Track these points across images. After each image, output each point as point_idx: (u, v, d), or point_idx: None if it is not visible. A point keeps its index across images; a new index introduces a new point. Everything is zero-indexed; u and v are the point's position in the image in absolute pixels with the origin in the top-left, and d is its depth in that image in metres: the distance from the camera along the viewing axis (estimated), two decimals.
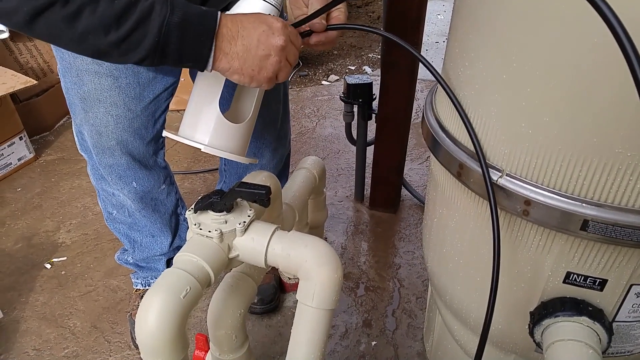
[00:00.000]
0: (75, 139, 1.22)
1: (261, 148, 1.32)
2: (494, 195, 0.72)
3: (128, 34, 0.66)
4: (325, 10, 0.87)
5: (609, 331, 0.76)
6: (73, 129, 1.21)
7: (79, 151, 1.24)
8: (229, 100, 0.98)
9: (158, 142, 1.22)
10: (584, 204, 0.68)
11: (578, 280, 0.77)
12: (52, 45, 1.07)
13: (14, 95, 2.17)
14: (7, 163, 2.14)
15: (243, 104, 0.97)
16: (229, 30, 0.74)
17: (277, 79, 0.81)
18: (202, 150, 0.87)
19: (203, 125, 0.88)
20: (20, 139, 2.17)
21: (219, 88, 0.87)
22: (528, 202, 0.72)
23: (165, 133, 0.91)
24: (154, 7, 0.67)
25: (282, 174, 1.47)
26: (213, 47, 0.73)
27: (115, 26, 0.65)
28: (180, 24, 0.69)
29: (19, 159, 2.19)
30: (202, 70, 0.76)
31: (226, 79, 0.82)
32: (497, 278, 0.72)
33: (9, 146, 2.12)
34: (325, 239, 1.72)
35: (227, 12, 0.79)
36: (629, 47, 0.46)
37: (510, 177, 0.74)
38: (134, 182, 1.21)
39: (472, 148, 0.80)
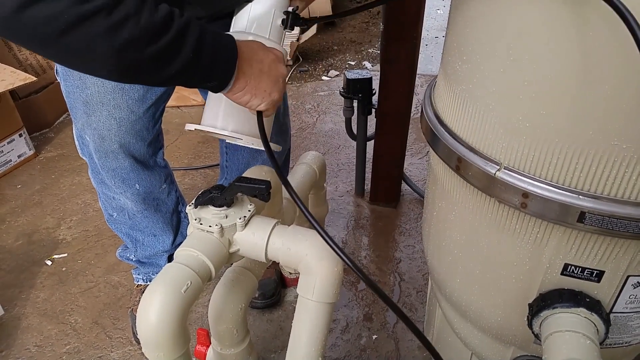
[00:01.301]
0: (76, 143, 1.22)
1: None
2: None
3: (167, 46, 0.64)
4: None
5: (607, 322, 0.77)
6: (74, 133, 1.20)
7: (80, 155, 1.24)
8: None
9: (157, 143, 1.23)
10: (581, 196, 0.69)
11: (576, 272, 0.77)
12: None
13: (13, 92, 2.17)
14: (7, 160, 2.14)
15: None
16: (244, 53, 0.77)
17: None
18: (226, 136, 0.88)
19: (224, 112, 0.89)
20: (20, 135, 2.17)
21: None
22: (526, 194, 0.72)
23: (188, 126, 0.90)
24: (190, 23, 0.67)
25: (283, 169, 1.47)
26: (236, 66, 0.76)
27: (156, 37, 0.63)
28: (212, 42, 0.71)
29: (19, 156, 2.19)
30: (220, 90, 0.78)
31: None
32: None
33: (8, 143, 2.13)
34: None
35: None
36: None
37: (508, 170, 0.75)
38: (137, 184, 1.21)
39: (470, 142, 0.81)
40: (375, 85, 1.70)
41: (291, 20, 0.91)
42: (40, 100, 2.37)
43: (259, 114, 0.84)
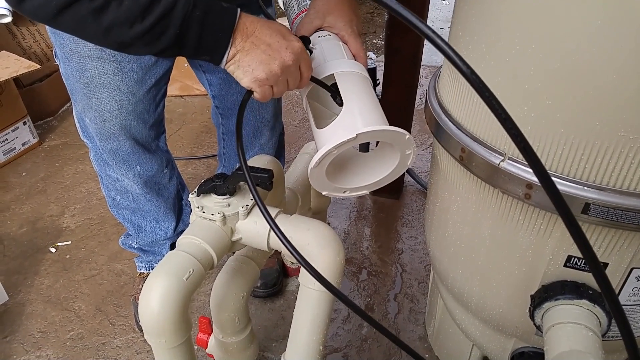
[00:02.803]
0: (77, 125, 1.22)
1: (260, 127, 1.33)
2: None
3: (151, 27, 0.68)
4: None
5: (609, 314, 0.77)
6: (74, 115, 1.20)
7: (81, 137, 1.24)
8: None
9: (159, 126, 1.23)
10: (585, 188, 0.68)
11: (579, 264, 0.77)
12: (49, 31, 1.07)
13: (17, 80, 2.17)
14: (11, 148, 2.14)
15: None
16: (246, 28, 0.75)
17: (273, 92, 0.80)
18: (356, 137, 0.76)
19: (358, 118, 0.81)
20: (24, 124, 2.17)
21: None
22: (530, 185, 0.72)
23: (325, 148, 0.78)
24: (178, 1, 0.68)
25: (280, 154, 1.47)
26: (230, 44, 0.74)
27: (140, 19, 0.66)
28: (201, 19, 0.71)
29: (23, 144, 2.19)
30: (217, 65, 0.77)
31: None
32: None
33: (12, 131, 2.13)
34: (328, 225, 1.73)
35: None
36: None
37: (512, 161, 0.74)
38: (137, 166, 1.21)
39: (474, 132, 0.80)
40: (380, 75, 1.69)
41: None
42: (44, 88, 2.37)
43: (246, 93, 0.81)
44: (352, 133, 0.75)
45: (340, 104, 0.84)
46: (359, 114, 0.80)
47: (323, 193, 0.86)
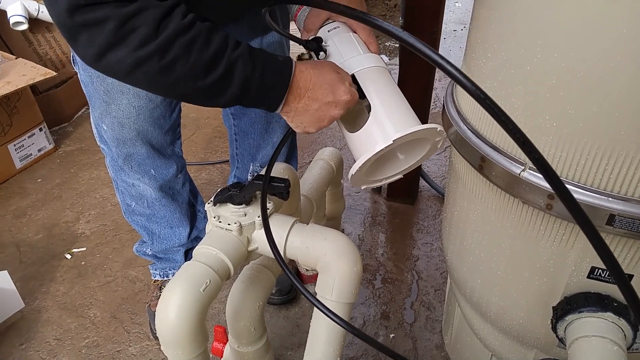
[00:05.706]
0: (94, 131, 1.23)
1: (272, 123, 1.32)
2: None
3: (214, 83, 0.73)
4: None
5: (635, 327, 0.75)
6: (91, 121, 1.21)
7: (98, 143, 1.24)
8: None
9: (175, 132, 1.24)
10: (610, 198, 0.67)
11: (603, 276, 0.75)
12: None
13: (33, 87, 2.19)
14: (27, 154, 2.16)
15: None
16: (299, 88, 0.80)
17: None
18: (392, 143, 0.78)
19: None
20: (40, 130, 2.19)
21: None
22: (552, 196, 0.71)
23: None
24: (239, 60, 0.73)
25: (292, 154, 1.46)
26: (284, 99, 0.80)
27: (203, 76, 0.72)
28: (260, 79, 0.76)
29: (39, 150, 2.21)
30: (272, 112, 0.82)
31: None
32: None
33: (29, 137, 2.15)
34: (343, 231, 1.72)
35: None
36: None
37: (534, 171, 0.73)
38: (152, 170, 1.22)
39: (494, 141, 0.79)
40: (394, 78, 1.68)
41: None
42: (59, 94, 2.39)
43: (289, 132, 0.90)
44: (387, 141, 0.78)
45: (363, 96, 0.86)
46: (389, 119, 0.82)
47: (362, 187, 0.90)
